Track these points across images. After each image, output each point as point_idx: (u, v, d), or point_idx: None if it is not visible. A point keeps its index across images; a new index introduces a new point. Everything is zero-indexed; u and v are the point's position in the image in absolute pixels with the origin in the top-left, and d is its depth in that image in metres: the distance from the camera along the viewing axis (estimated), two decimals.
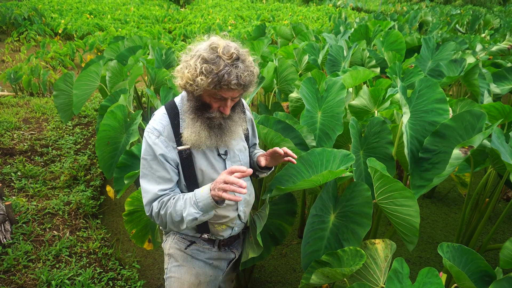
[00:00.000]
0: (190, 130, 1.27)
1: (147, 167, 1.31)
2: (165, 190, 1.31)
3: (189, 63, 1.20)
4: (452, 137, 1.86)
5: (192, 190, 1.35)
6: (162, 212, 1.28)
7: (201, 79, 1.16)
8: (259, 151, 1.60)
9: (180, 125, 1.31)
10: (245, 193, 1.19)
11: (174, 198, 1.28)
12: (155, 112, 1.37)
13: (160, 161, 1.29)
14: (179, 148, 1.30)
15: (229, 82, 1.15)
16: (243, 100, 1.50)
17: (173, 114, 1.32)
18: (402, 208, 1.50)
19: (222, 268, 1.55)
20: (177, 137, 1.31)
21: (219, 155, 1.37)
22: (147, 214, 1.33)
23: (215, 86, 1.16)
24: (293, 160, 1.41)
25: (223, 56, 1.15)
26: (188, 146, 1.30)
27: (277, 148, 1.40)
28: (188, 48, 1.26)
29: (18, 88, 6.02)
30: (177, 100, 1.37)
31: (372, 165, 1.56)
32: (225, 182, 1.14)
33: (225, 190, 1.14)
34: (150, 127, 1.32)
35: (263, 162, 1.47)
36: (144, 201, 1.32)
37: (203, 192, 1.21)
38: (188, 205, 1.23)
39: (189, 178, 1.34)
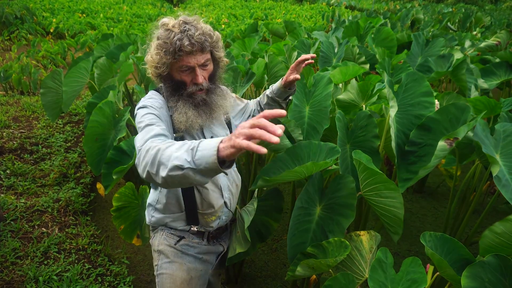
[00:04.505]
0: (178, 113, 1.28)
1: (150, 119, 1.20)
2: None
3: (149, 50, 1.28)
4: (438, 130, 1.88)
5: None
6: (152, 149, 1.02)
7: (160, 56, 1.22)
8: (272, 86, 1.68)
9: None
10: (277, 142, 0.80)
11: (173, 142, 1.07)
12: (146, 95, 1.36)
13: (162, 114, 1.26)
14: (176, 135, 1.31)
15: (182, 45, 1.20)
16: (223, 87, 1.49)
17: (162, 97, 1.34)
18: (387, 200, 1.51)
19: (211, 262, 1.55)
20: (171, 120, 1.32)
21: None
22: (138, 148, 1.09)
23: (173, 55, 1.21)
24: (311, 60, 1.56)
25: (173, 29, 1.22)
26: (181, 134, 1.32)
27: (302, 57, 1.55)
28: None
29: (8, 87, 5.97)
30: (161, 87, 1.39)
31: (357, 157, 1.57)
32: (253, 126, 0.83)
33: (250, 137, 0.83)
34: (150, 100, 1.29)
35: (291, 76, 1.58)
36: (143, 139, 1.10)
37: (209, 143, 0.92)
38: (183, 149, 0.96)
39: None
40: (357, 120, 2.04)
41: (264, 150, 0.80)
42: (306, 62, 1.58)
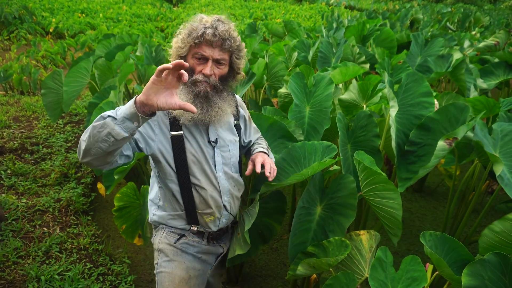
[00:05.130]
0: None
1: None
2: None
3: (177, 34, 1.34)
4: (437, 130, 1.90)
5: (182, 174, 1.36)
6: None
7: (183, 37, 1.29)
8: (258, 147, 1.59)
9: None
10: (186, 65, 1.03)
11: None
12: None
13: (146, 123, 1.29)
14: (172, 133, 1.33)
15: (205, 32, 1.25)
16: (238, 97, 1.53)
17: None
18: (386, 201, 1.52)
19: (210, 263, 1.56)
20: (171, 118, 1.33)
21: (209, 142, 1.38)
22: None
23: (194, 39, 1.26)
24: (269, 177, 1.43)
25: (206, 22, 1.30)
26: (180, 132, 1.32)
27: (257, 167, 1.43)
28: None
29: (8, 87, 5.97)
30: None
31: (359, 158, 1.59)
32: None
33: (161, 70, 1.01)
34: None
35: (247, 171, 1.49)
36: None
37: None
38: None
39: (180, 161, 1.35)
40: (357, 120, 2.05)
41: (168, 66, 1.00)
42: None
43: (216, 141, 1.40)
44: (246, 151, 1.66)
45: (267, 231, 1.92)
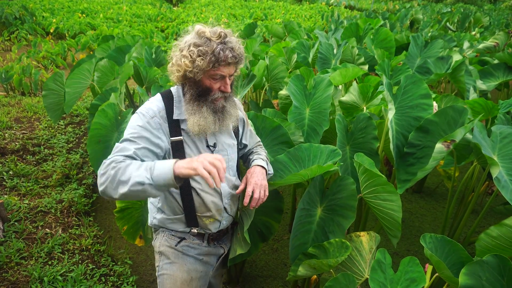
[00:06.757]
0: (198, 116, 1.30)
1: (132, 134, 1.28)
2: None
3: (182, 54, 1.26)
4: (436, 132, 1.91)
5: None
6: (113, 164, 1.18)
7: (199, 62, 1.23)
8: (257, 158, 1.56)
9: (174, 112, 1.34)
10: (218, 186, 1.15)
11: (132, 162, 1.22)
12: (150, 98, 1.39)
13: (146, 138, 1.29)
14: (172, 139, 1.34)
15: (226, 57, 1.23)
16: (236, 99, 1.54)
17: (168, 100, 1.36)
18: (385, 203, 1.54)
19: (212, 264, 1.57)
20: (171, 123, 1.34)
21: (207, 146, 1.40)
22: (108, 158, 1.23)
23: (214, 64, 1.24)
24: (252, 205, 1.39)
25: (212, 38, 1.24)
26: (180, 138, 1.34)
27: (248, 189, 1.40)
28: (174, 45, 1.32)
29: (9, 88, 5.99)
30: (173, 89, 1.40)
31: (359, 160, 1.61)
32: (210, 163, 1.12)
33: (206, 169, 1.11)
34: (146, 107, 1.33)
35: (238, 191, 1.46)
36: (113, 153, 1.23)
37: (164, 164, 1.16)
38: (142, 169, 1.16)
39: None
40: (356, 122, 2.07)
41: (211, 181, 1.10)
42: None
43: (214, 145, 1.42)
44: (242, 155, 1.65)
45: (266, 229, 1.94)
